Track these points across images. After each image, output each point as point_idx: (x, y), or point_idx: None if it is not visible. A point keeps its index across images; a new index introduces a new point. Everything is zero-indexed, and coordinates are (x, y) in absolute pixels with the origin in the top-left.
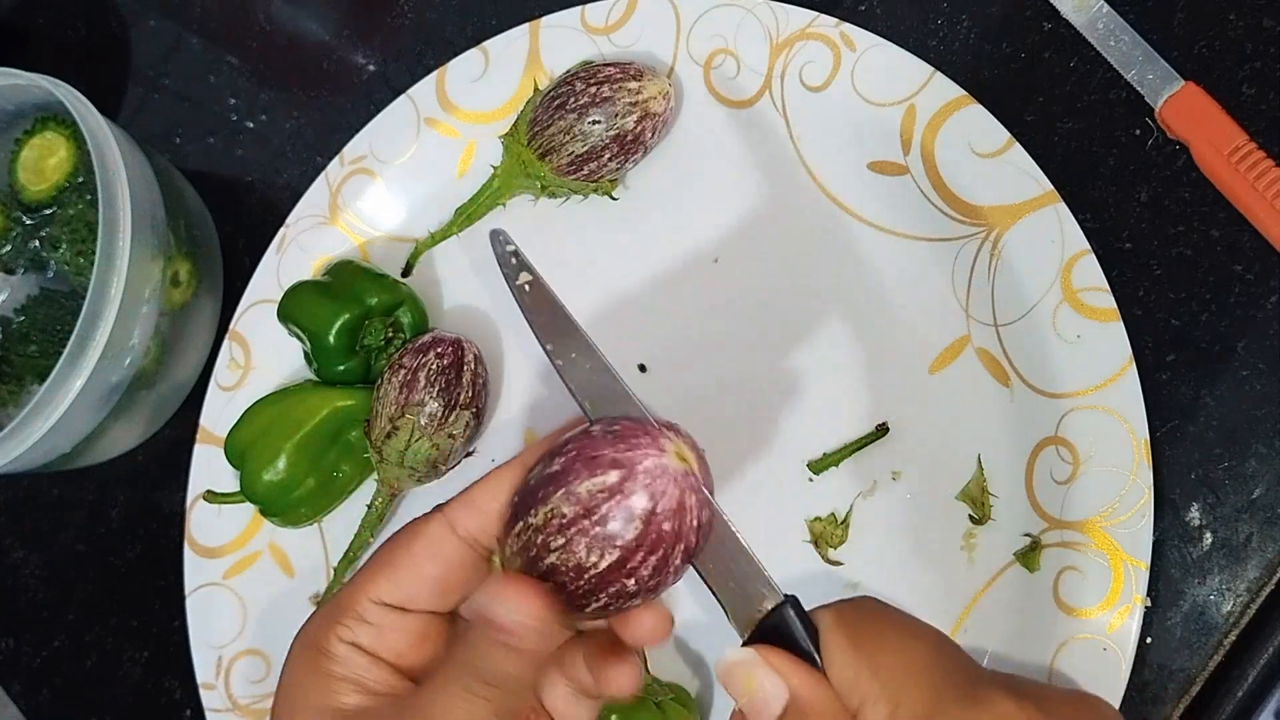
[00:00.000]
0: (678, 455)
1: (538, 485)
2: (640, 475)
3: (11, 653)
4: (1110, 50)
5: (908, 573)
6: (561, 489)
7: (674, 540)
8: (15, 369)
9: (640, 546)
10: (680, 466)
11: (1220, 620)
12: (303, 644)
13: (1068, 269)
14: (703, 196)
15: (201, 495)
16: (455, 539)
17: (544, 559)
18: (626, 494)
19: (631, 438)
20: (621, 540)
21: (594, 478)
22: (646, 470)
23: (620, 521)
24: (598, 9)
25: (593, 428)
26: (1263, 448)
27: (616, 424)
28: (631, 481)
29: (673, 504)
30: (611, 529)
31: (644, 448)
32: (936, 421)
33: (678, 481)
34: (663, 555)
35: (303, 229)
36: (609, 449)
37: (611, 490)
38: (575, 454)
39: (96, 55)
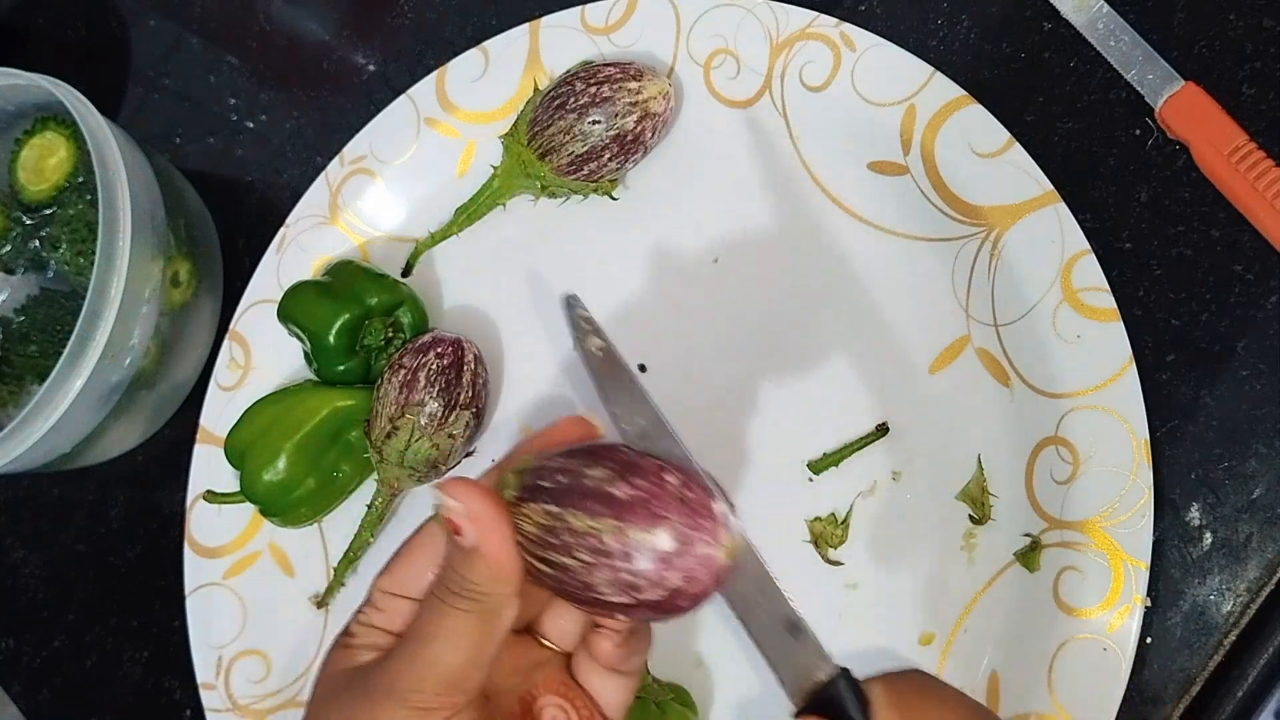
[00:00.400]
0: (728, 552)
1: (593, 493)
2: (689, 558)
3: (11, 653)
4: (1110, 50)
5: (908, 573)
6: (616, 521)
7: (679, 613)
8: (15, 369)
9: (652, 607)
10: (725, 564)
11: (1220, 620)
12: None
13: (1068, 269)
14: (703, 196)
15: (201, 495)
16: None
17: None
18: (669, 567)
19: (699, 514)
20: (640, 596)
21: (649, 533)
22: (696, 556)
23: (649, 583)
24: (598, 9)
25: (668, 477)
26: (1263, 448)
27: (690, 490)
28: (680, 559)
29: (699, 590)
30: (638, 583)
31: (705, 531)
32: (936, 421)
33: (714, 575)
34: (661, 618)
35: (303, 229)
36: (675, 514)
37: (658, 556)
38: (644, 497)
39: (97, 55)
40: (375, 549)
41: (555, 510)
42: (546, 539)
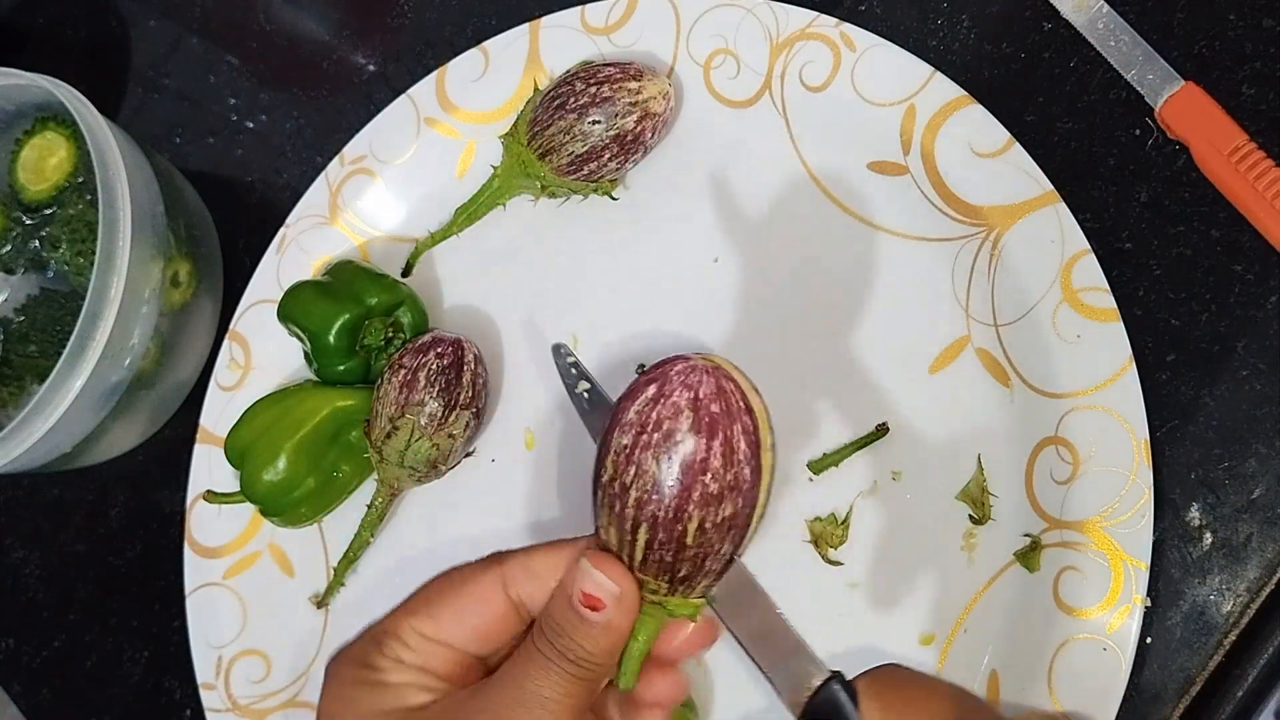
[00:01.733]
0: (703, 359)
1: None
2: (674, 377)
3: (11, 653)
4: (1110, 50)
5: (908, 573)
6: (614, 430)
7: (728, 421)
8: (15, 369)
9: (698, 433)
10: (707, 364)
11: (1220, 620)
12: (344, 662)
13: (1068, 269)
14: (703, 196)
15: (201, 495)
16: (504, 598)
17: (627, 500)
18: (668, 395)
19: (660, 364)
20: (679, 434)
21: (636, 401)
22: (678, 372)
23: (671, 419)
24: (598, 9)
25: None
26: (1262, 448)
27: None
28: (668, 385)
29: (712, 389)
30: (667, 428)
31: (673, 363)
32: (936, 421)
33: (710, 373)
34: (724, 439)
35: (303, 229)
36: (642, 380)
37: (654, 399)
38: (618, 403)
39: (97, 55)
40: (375, 549)
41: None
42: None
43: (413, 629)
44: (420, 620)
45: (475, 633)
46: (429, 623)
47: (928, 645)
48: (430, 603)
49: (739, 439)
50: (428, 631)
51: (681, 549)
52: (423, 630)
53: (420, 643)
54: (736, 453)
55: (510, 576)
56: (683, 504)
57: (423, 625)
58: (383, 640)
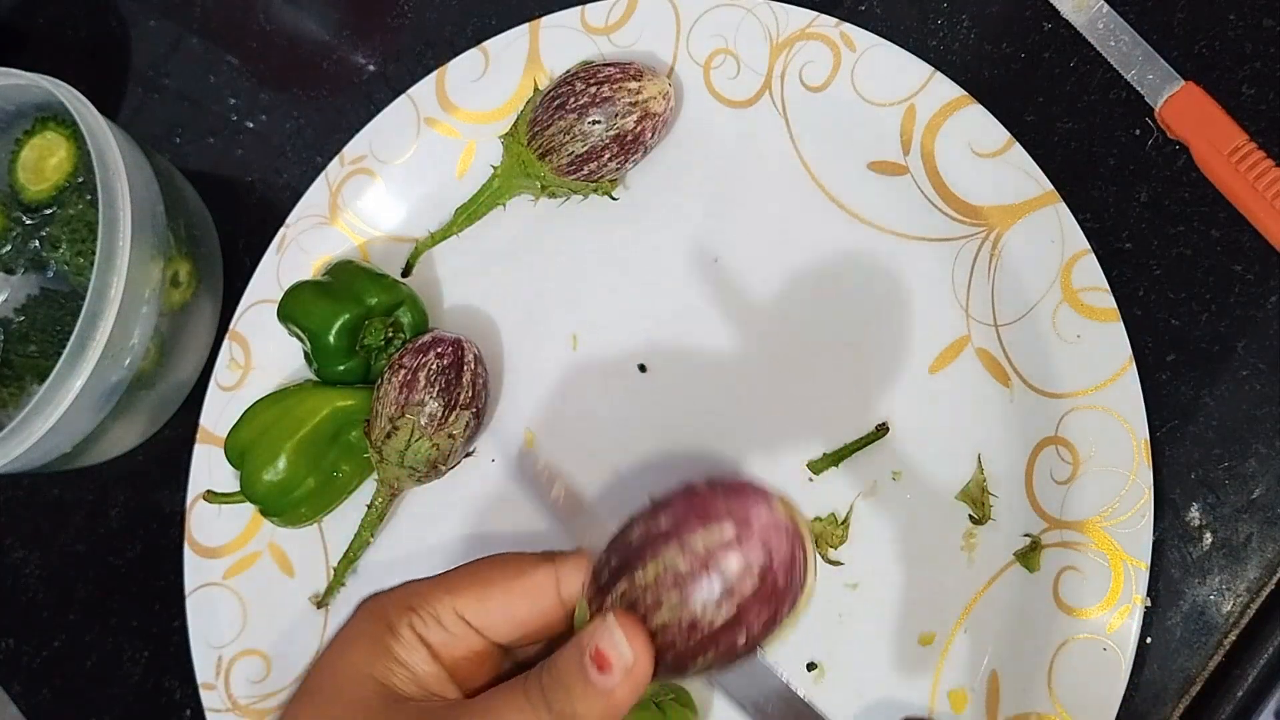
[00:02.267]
0: (785, 511)
1: (644, 543)
2: (757, 529)
3: (11, 653)
4: (1110, 50)
5: (908, 573)
6: (674, 543)
7: (785, 594)
8: (15, 369)
9: (758, 600)
10: (789, 522)
11: (1220, 620)
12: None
13: (1068, 269)
14: (703, 196)
15: (202, 495)
16: (555, 594)
17: (655, 615)
18: (745, 546)
19: (740, 493)
20: (740, 595)
21: (708, 529)
22: (762, 525)
23: (738, 575)
24: (598, 9)
25: (695, 486)
26: (1263, 448)
27: (720, 481)
28: (747, 532)
29: (786, 557)
30: (730, 584)
31: (755, 503)
32: (936, 421)
33: (790, 536)
34: (774, 610)
35: (303, 229)
36: (720, 502)
37: (729, 544)
38: (685, 509)
39: (97, 55)
40: (375, 549)
41: (624, 586)
42: (635, 614)
43: (453, 610)
44: (466, 602)
45: (518, 626)
46: (475, 606)
47: (927, 645)
48: (483, 585)
49: (785, 610)
50: (470, 615)
51: (678, 669)
52: (465, 613)
53: (456, 624)
54: (776, 621)
55: (564, 574)
56: (704, 646)
57: (467, 608)
58: (419, 610)
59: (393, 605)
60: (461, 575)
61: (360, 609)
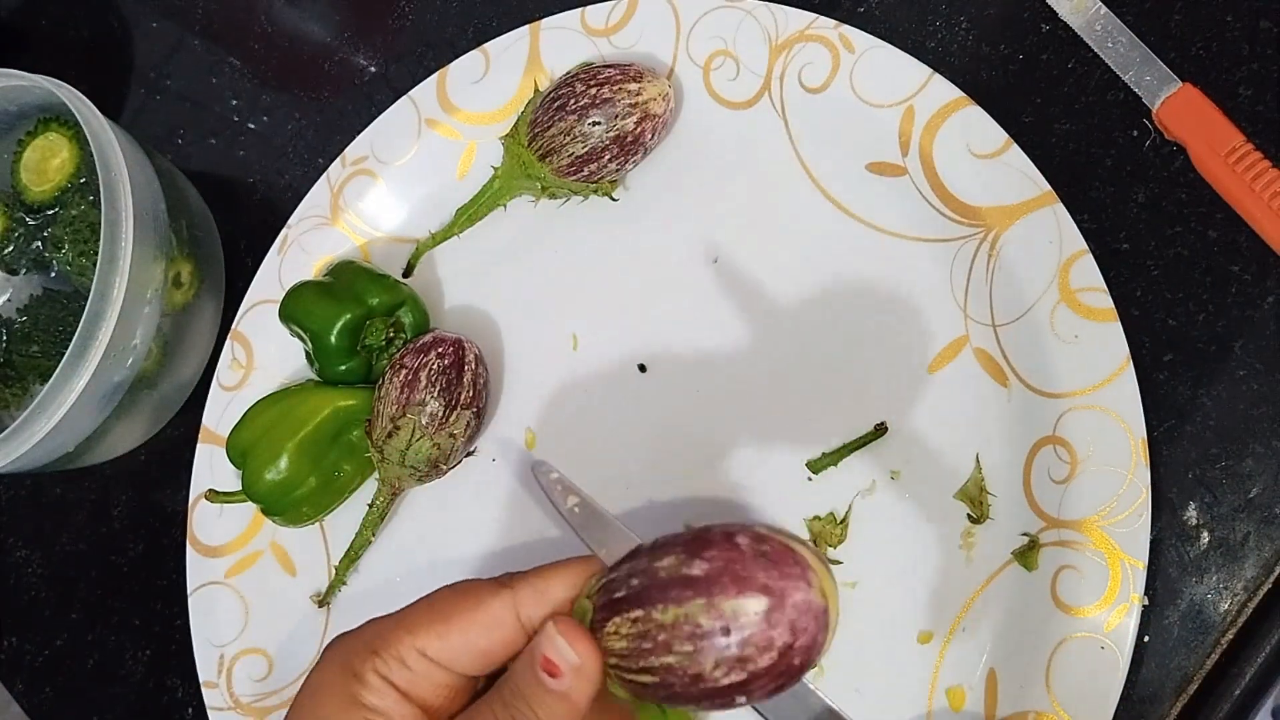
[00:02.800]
0: (822, 591)
1: (671, 583)
2: (789, 609)
3: (14, 651)
4: (1108, 52)
5: (906, 572)
6: (703, 599)
7: (798, 672)
8: (18, 369)
9: (769, 674)
10: (823, 604)
11: (1217, 619)
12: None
13: (1065, 269)
14: (703, 197)
15: (203, 494)
16: (515, 622)
17: (663, 655)
18: (772, 624)
19: (782, 564)
20: (753, 666)
21: (741, 599)
22: (795, 605)
23: (758, 649)
24: (598, 11)
25: (739, 539)
26: (1260, 447)
27: (766, 543)
28: (779, 613)
29: (809, 640)
30: (747, 653)
31: (794, 579)
32: (935, 421)
33: (818, 619)
34: (782, 684)
35: (304, 230)
36: (760, 572)
37: (758, 619)
38: (722, 566)
39: (99, 56)
40: (376, 548)
41: (640, 614)
42: (641, 647)
43: (414, 649)
44: (426, 640)
45: (481, 656)
46: (435, 643)
47: (926, 644)
48: (440, 621)
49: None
50: (432, 652)
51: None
52: (427, 650)
53: (419, 663)
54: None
55: (522, 600)
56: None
57: (428, 645)
58: (380, 652)
59: (356, 651)
60: (420, 612)
61: (324, 656)
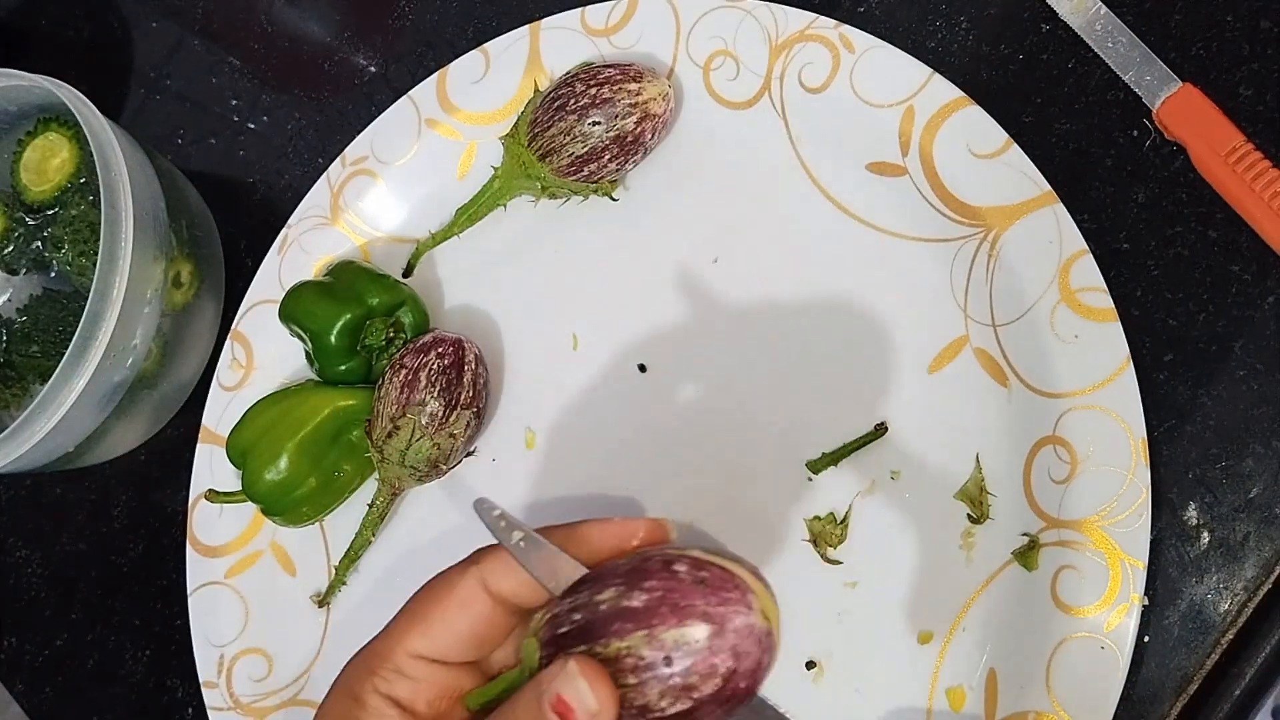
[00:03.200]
0: (763, 614)
1: (612, 615)
2: (730, 635)
3: (14, 651)
4: (1108, 51)
5: (906, 572)
6: (644, 630)
7: (745, 696)
8: (18, 369)
9: (715, 701)
10: (765, 626)
11: (1218, 619)
12: (340, 692)
13: (1065, 269)
14: (703, 197)
15: (203, 494)
16: (486, 597)
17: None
18: (714, 651)
19: (721, 589)
20: (699, 694)
21: (682, 628)
22: (736, 630)
23: (701, 676)
24: (598, 11)
25: (678, 567)
26: (1260, 447)
27: (705, 569)
28: (720, 639)
29: (753, 664)
30: (691, 681)
31: (734, 603)
32: (935, 421)
33: (761, 642)
34: (729, 709)
35: (304, 229)
36: (699, 599)
37: (700, 648)
38: (661, 596)
39: (99, 56)
40: (376, 548)
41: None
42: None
43: (406, 652)
44: (413, 640)
45: (469, 639)
46: (422, 640)
47: (926, 644)
48: (420, 618)
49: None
50: (422, 650)
51: None
52: (417, 650)
53: (416, 666)
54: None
55: (488, 576)
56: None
57: (416, 644)
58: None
59: (356, 675)
60: (402, 617)
61: (333, 686)
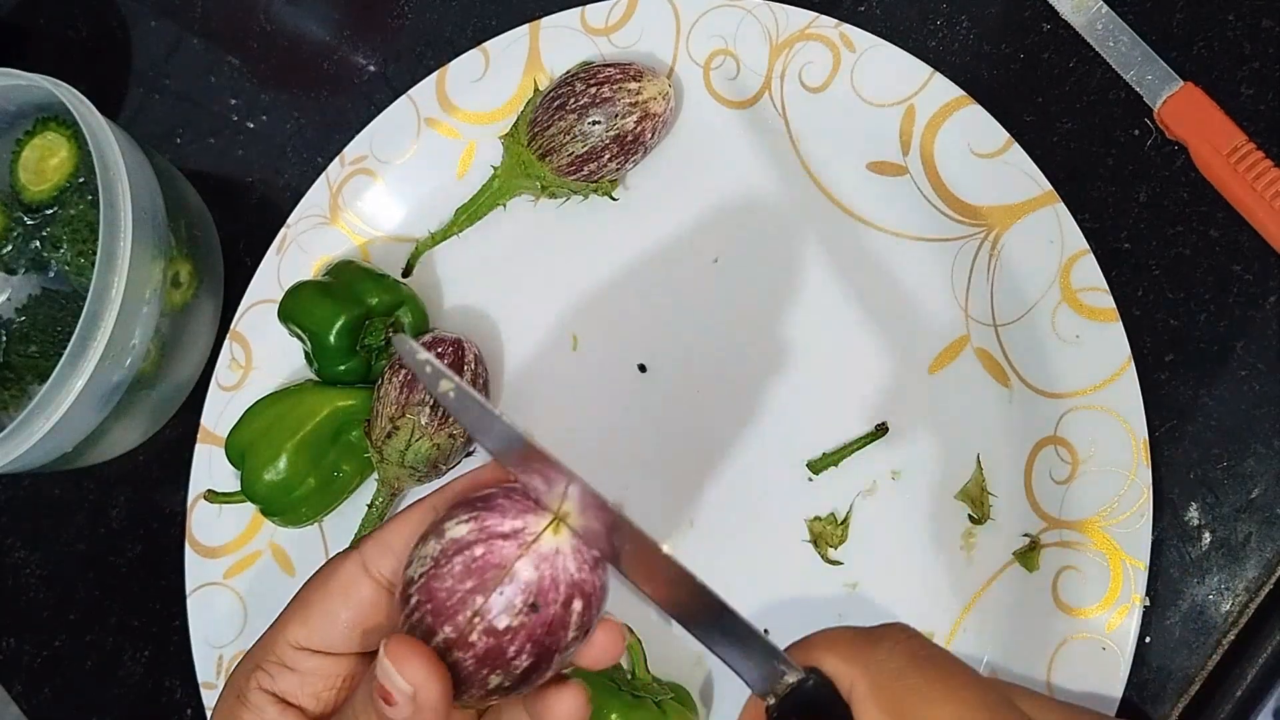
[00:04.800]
0: (550, 533)
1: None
2: (533, 573)
3: (13, 652)
4: (1109, 51)
5: (907, 572)
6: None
7: (587, 610)
8: (16, 370)
9: (558, 628)
10: (552, 546)
11: (1219, 619)
12: (228, 690)
13: (1067, 269)
14: (703, 196)
15: (202, 495)
16: (369, 580)
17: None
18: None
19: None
20: (545, 638)
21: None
22: (536, 568)
23: (537, 626)
24: (598, 10)
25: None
26: (1261, 447)
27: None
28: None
29: (566, 584)
30: (529, 631)
31: (519, 541)
32: (936, 421)
33: (557, 565)
34: (583, 622)
35: (303, 229)
36: (496, 551)
37: (515, 601)
38: (466, 566)
39: (97, 55)
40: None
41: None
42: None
43: (288, 644)
44: (293, 630)
45: (351, 626)
46: (301, 630)
47: None
48: (302, 606)
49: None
50: (303, 641)
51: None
52: (297, 641)
53: (298, 658)
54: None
55: (368, 558)
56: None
57: (296, 635)
58: (261, 664)
59: (243, 671)
60: (286, 609)
61: (224, 688)
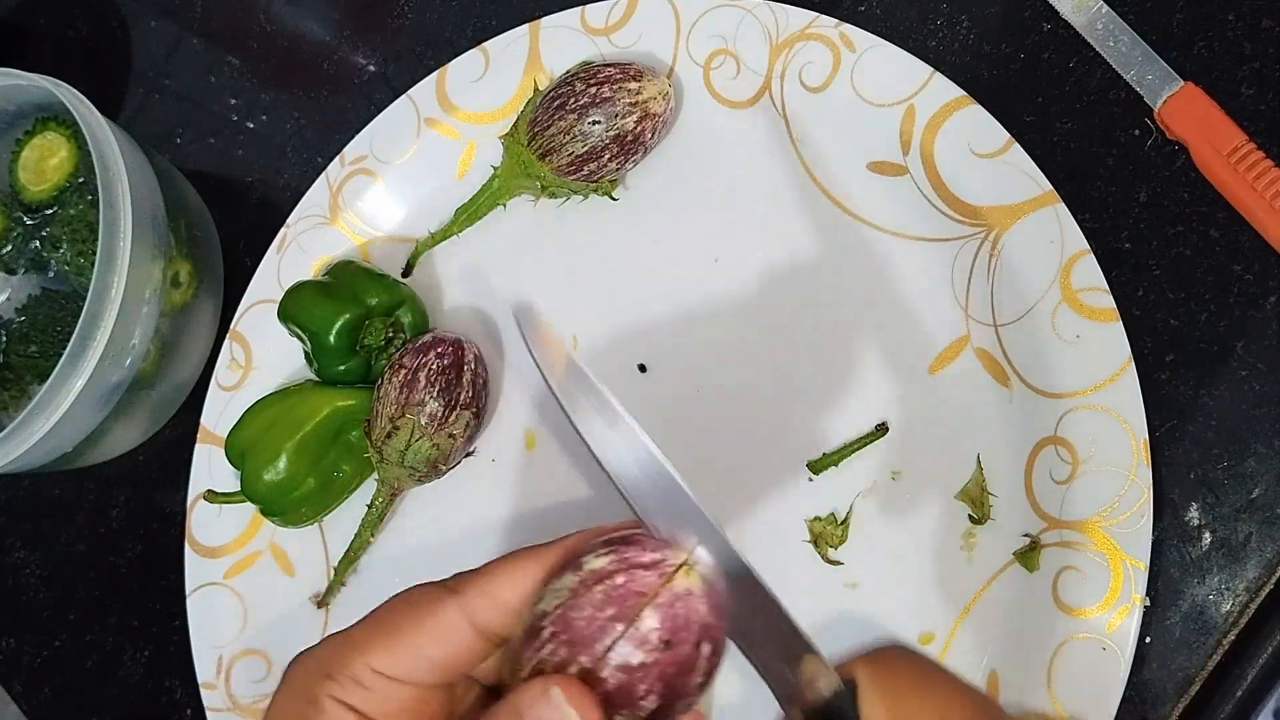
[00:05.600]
0: (681, 575)
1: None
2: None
3: (12, 652)
4: (1109, 51)
5: (907, 572)
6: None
7: (713, 653)
8: (16, 370)
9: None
10: (685, 587)
11: (1219, 620)
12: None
13: (1067, 269)
14: (703, 196)
15: (202, 495)
16: (468, 629)
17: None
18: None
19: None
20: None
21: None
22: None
23: (666, 664)
24: (598, 10)
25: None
26: (1262, 447)
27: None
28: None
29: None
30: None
31: (649, 582)
32: (936, 421)
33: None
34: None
35: (303, 229)
36: (632, 595)
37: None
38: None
39: (97, 55)
40: (375, 548)
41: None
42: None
43: (367, 665)
44: (375, 656)
45: (438, 667)
46: (387, 658)
47: (927, 644)
48: (389, 634)
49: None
50: (384, 668)
51: None
52: (380, 667)
53: (375, 680)
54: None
55: (473, 609)
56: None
57: (380, 661)
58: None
59: (311, 676)
60: (369, 627)
61: (283, 682)
